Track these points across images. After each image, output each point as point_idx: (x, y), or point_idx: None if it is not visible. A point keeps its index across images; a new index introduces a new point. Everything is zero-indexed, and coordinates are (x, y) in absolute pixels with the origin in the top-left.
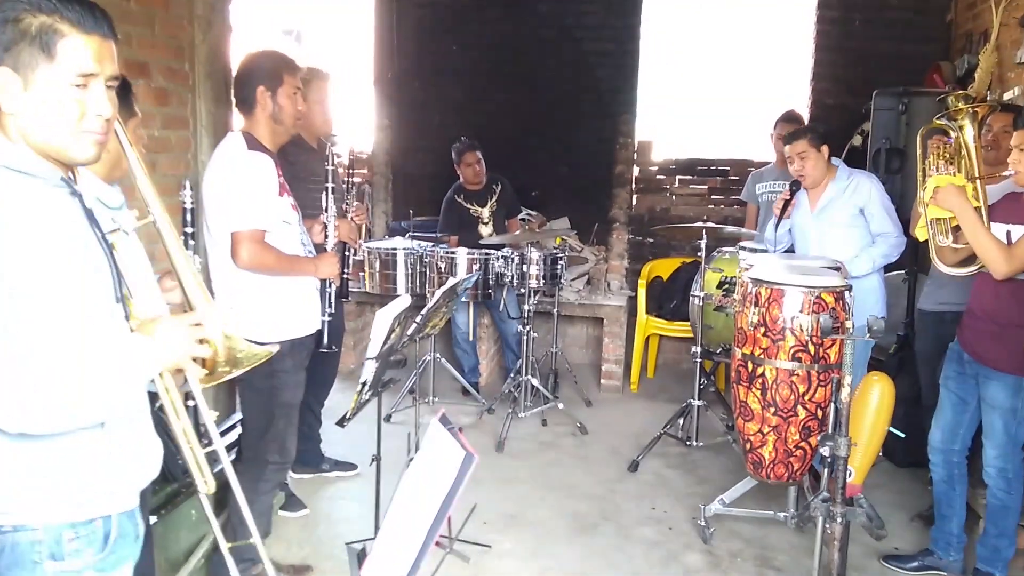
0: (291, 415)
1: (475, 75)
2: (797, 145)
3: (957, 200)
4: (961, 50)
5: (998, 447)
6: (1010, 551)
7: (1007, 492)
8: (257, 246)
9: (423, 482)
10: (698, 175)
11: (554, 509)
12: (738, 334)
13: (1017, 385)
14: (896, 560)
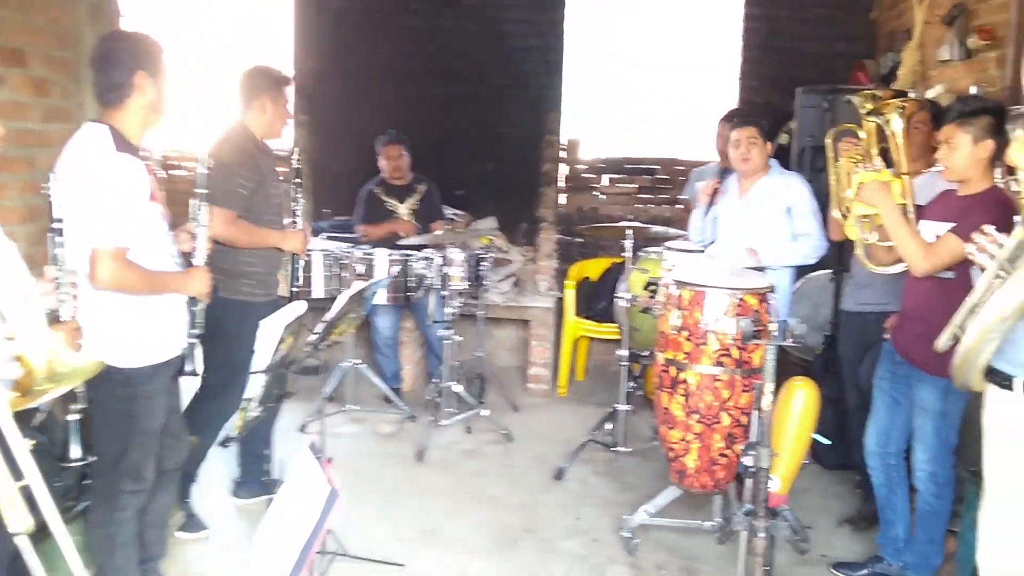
0: (148, 443)
1: (398, 70)
2: (748, 130)
3: (880, 196)
4: (885, 48)
5: (929, 451)
6: (939, 559)
7: (937, 497)
8: (118, 265)
9: (290, 515)
10: (627, 174)
11: (476, 523)
12: (660, 338)
13: (946, 388)
14: (846, 568)
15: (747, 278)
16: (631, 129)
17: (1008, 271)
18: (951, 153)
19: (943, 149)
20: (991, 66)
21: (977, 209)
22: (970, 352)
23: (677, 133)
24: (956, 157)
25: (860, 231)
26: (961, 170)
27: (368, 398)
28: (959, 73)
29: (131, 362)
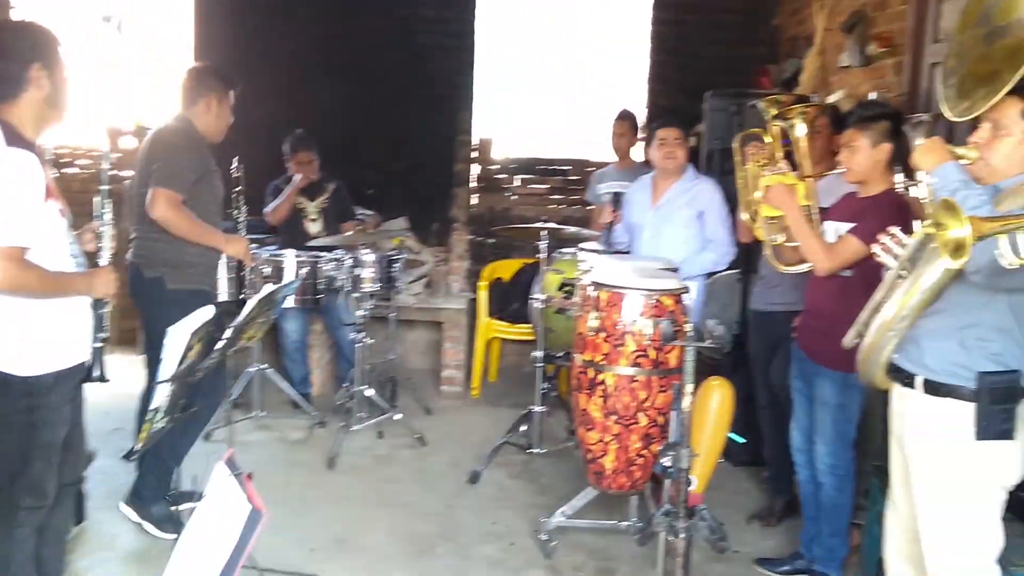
0: (51, 456)
1: (305, 66)
2: (675, 131)
3: (785, 199)
4: (787, 54)
5: (828, 444)
6: (844, 550)
7: (839, 490)
8: (15, 266)
9: (206, 536)
10: (539, 174)
11: (389, 530)
12: (578, 340)
13: (844, 382)
14: (768, 564)
15: (663, 279)
16: (543, 130)
17: (908, 271)
18: (852, 156)
19: (844, 152)
20: (889, 72)
21: (873, 210)
22: (871, 349)
23: (588, 134)
24: (856, 160)
25: (768, 232)
26: (861, 172)
27: (276, 404)
28: (858, 79)
29: (32, 370)
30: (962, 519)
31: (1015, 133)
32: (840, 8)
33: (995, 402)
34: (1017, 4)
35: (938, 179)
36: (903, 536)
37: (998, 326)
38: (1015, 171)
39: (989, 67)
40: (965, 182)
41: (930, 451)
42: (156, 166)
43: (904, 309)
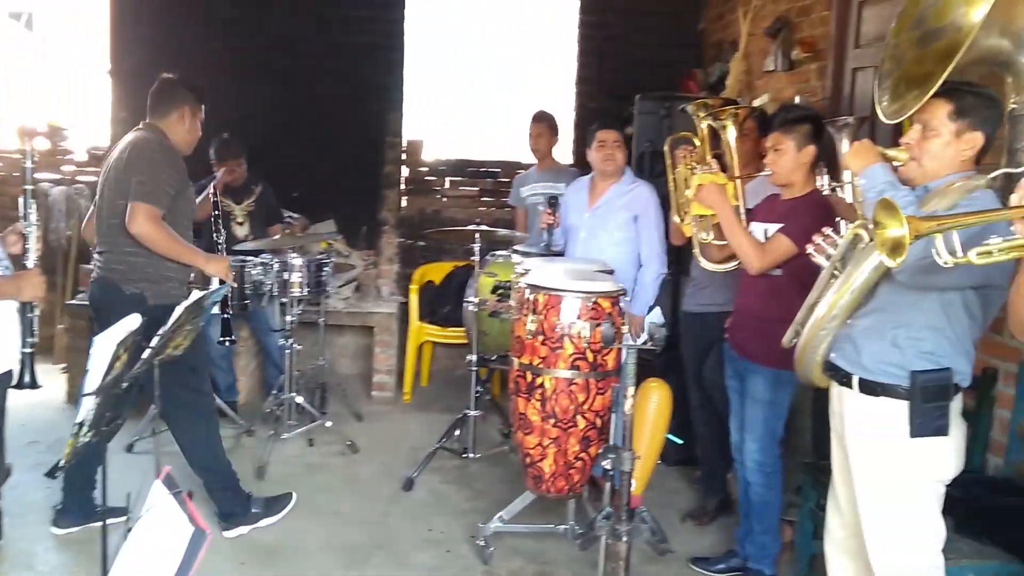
0: None
1: (229, 65)
2: (614, 133)
3: (717, 198)
4: (713, 58)
5: (758, 440)
6: (776, 546)
7: (767, 487)
8: None
9: (145, 559)
10: (469, 176)
11: (323, 540)
12: (516, 343)
13: (776, 379)
14: (703, 563)
15: (600, 282)
16: (473, 132)
17: (840, 270)
18: (778, 158)
19: (770, 155)
20: (813, 77)
21: (801, 210)
22: (806, 348)
23: (518, 137)
24: (782, 162)
25: (697, 230)
26: (786, 174)
27: None
28: (782, 83)
29: None
30: (902, 513)
31: (943, 134)
32: (764, 14)
33: (928, 400)
34: (952, 7)
35: (866, 180)
36: (845, 531)
37: (930, 325)
38: (945, 172)
39: (923, 69)
40: (892, 183)
41: (869, 448)
42: (137, 179)
43: (835, 309)
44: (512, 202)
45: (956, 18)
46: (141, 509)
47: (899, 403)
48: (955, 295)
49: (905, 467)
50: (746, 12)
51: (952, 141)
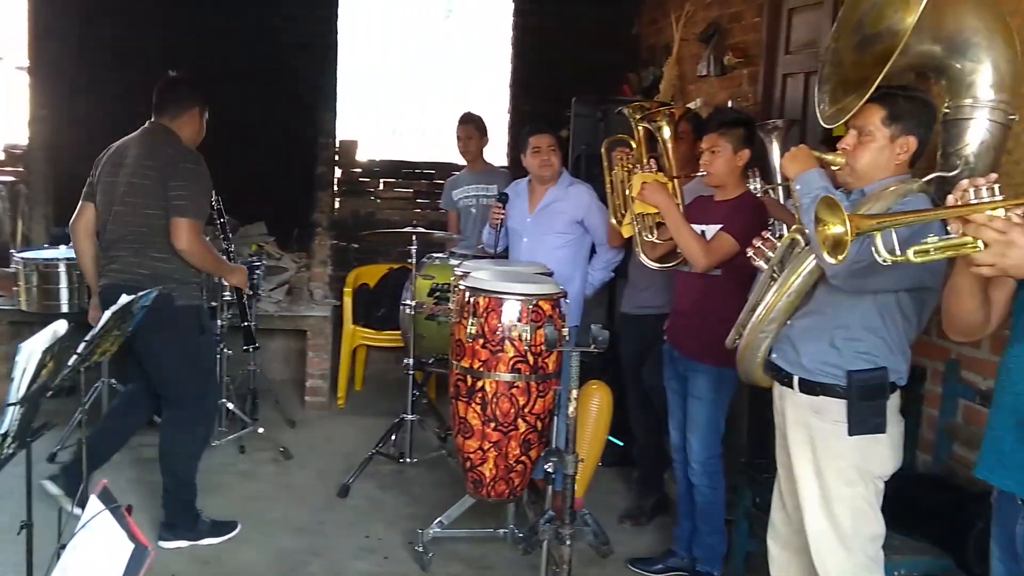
0: None
1: (156, 61)
2: (549, 138)
3: (662, 196)
4: (647, 62)
5: (702, 439)
6: (723, 547)
7: (712, 488)
8: None
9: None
10: (403, 178)
11: (257, 550)
12: (456, 346)
13: (718, 377)
14: (641, 563)
15: (541, 284)
16: (408, 133)
17: (778, 273)
18: (713, 160)
19: (706, 156)
20: (744, 82)
21: (741, 211)
22: (746, 349)
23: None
24: (718, 164)
25: (638, 228)
26: (722, 176)
27: None
28: (715, 88)
29: None
30: (843, 510)
31: (878, 139)
32: (696, 19)
33: (865, 399)
34: (888, 12)
35: (801, 186)
36: (789, 528)
37: (866, 326)
38: (880, 176)
39: (861, 74)
40: (826, 189)
41: (809, 446)
42: (178, 193)
43: (773, 311)
44: (443, 205)
45: (892, 23)
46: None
47: (838, 402)
48: (889, 297)
49: (845, 464)
50: (678, 17)
51: (887, 145)
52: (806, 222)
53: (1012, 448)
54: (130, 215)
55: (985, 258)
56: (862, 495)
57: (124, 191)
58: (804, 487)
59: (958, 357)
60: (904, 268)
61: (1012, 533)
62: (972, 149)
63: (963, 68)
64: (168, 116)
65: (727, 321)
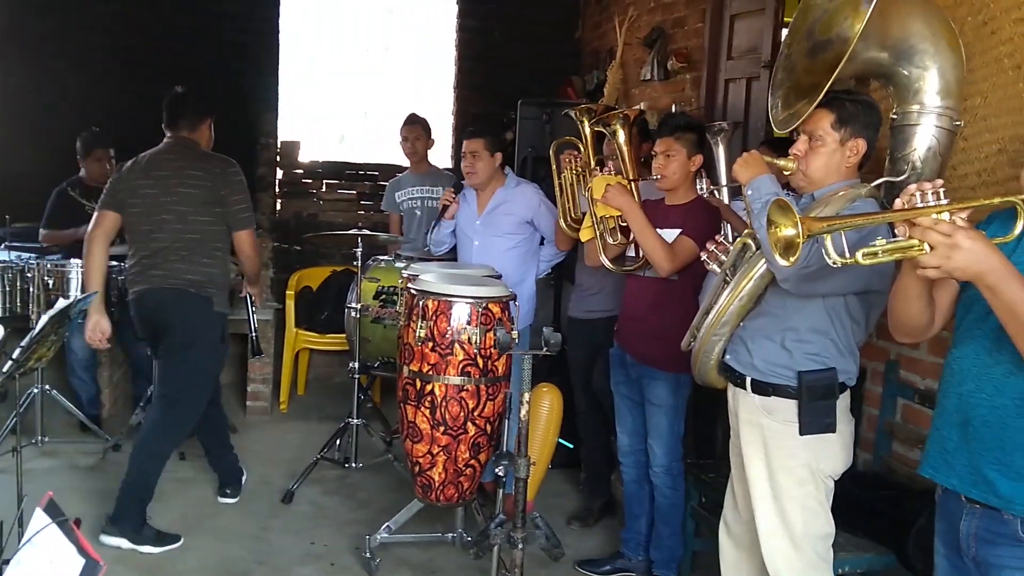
0: None
1: (98, 60)
2: (472, 143)
3: (626, 199)
4: (590, 66)
5: (665, 444)
6: (681, 550)
7: (673, 489)
8: None
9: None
10: (347, 179)
11: (200, 558)
12: (404, 350)
13: (676, 383)
14: (589, 565)
15: (490, 287)
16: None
17: (731, 277)
18: (668, 163)
19: (660, 160)
20: (687, 87)
21: (697, 215)
22: (700, 352)
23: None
24: (673, 167)
25: (600, 231)
26: (676, 180)
27: (62, 427)
28: (659, 92)
29: None
30: (794, 509)
31: (828, 143)
32: (640, 24)
33: (815, 399)
34: (838, 19)
35: (752, 192)
36: (741, 527)
37: (815, 328)
38: (831, 179)
39: (812, 80)
40: (776, 194)
41: (761, 445)
42: (238, 207)
43: (724, 315)
44: (385, 207)
45: (842, 30)
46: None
47: (789, 402)
48: (838, 300)
49: (796, 464)
50: (622, 22)
51: (837, 149)
52: (757, 227)
53: (956, 447)
54: (179, 223)
55: (931, 260)
56: (813, 494)
57: (172, 200)
58: (756, 486)
59: (897, 358)
60: (852, 271)
61: (957, 530)
62: (919, 154)
63: (910, 75)
64: (187, 128)
65: (683, 326)
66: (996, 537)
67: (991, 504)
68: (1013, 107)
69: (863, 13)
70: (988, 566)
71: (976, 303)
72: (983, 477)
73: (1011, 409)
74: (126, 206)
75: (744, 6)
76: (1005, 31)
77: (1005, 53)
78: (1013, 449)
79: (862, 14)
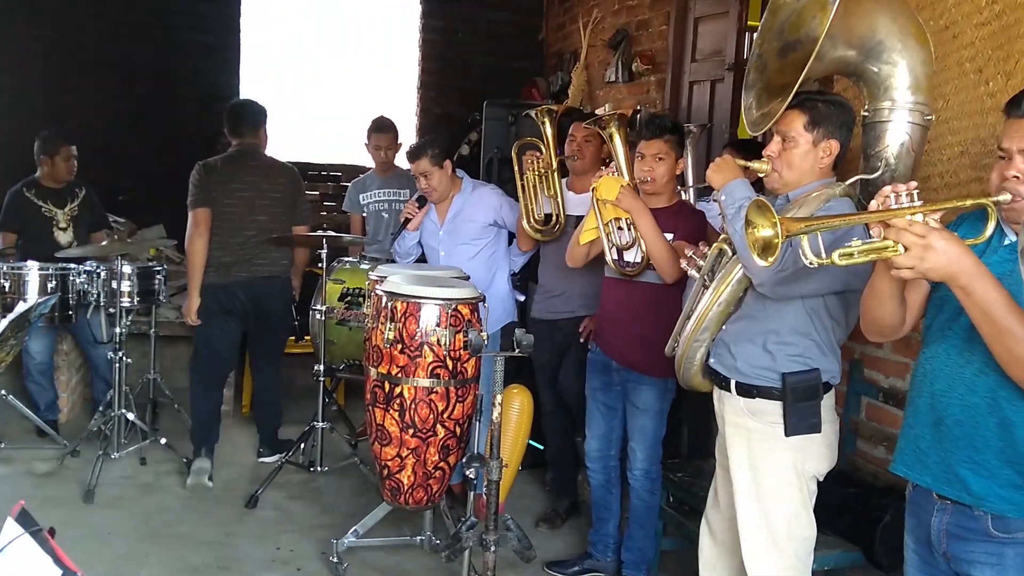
0: None
1: (51, 59)
2: (420, 165)
3: (638, 202)
4: (554, 68)
5: (647, 449)
6: (652, 551)
7: (651, 492)
8: None
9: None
10: (309, 180)
11: (162, 565)
12: (373, 352)
13: (664, 388)
14: (558, 566)
15: (459, 288)
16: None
17: (710, 282)
18: (658, 167)
19: (649, 162)
20: (652, 88)
21: (687, 218)
22: (683, 357)
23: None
24: (662, 171)
25: (608, 234)
26: (664, 183)
27: (17, 433)
28: (623, 94)
29: None
30: (778, 511)
31: (801, 144)
32: (604, 26)
33: (800, 400)
34: (807, 17)
35: (726, 197)
36: (724, 524)
37: (796, 329)
38: (806, 180)
39: (783, 79)
40: (750, 199)
41: (747, 448)
42: (306, 206)
43: (705, 320)
44: (347, 208)
45: (810, 29)
46: None
47: (774, 404)
48: (817, 301)
49: (782, 465)
50: (586, 24)
51: (811, 150)
52: (731, 231)
53: (929, 446)
54: (272, 222)
55: (905, 261)
56: (797, 496)
57: (264, 203)
58: (740, 487)
59: (861, 357)
60: (828, 272)
61: (927, 526)
62: (893, 151)
63: (879, 72)
64: (251, 135)
65: (670, 331)
66: (967, 533)
67: (963, 501)
68: (974, 110)
69: (829, 12)
70: (959, 561)
71: (947, 303)
72: (956, 475)
73: (982, 408)
74: (220, 204)
75: (708, 9)
76: (966, 35)
77: (967, 57)
78: (984, 448)
79: (828, 12)
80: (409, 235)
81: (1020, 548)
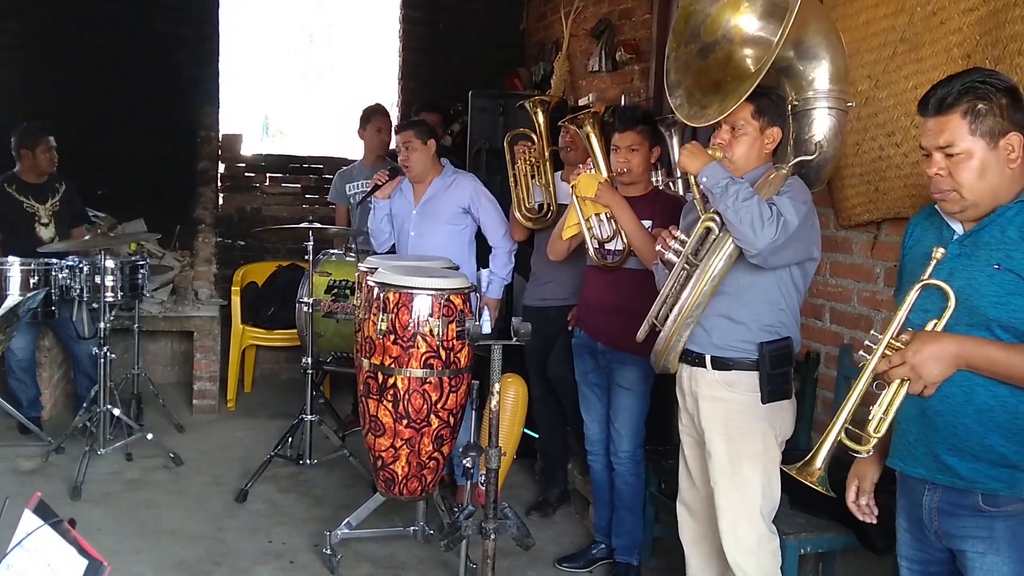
0: None
1: (25, 51)
2: (404, 135)
3: (616, 196)
4: (536, 57)
5: (631, 428)
6: (642, 536)
7: (635, 475)
8: None
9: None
10: (291, 173)
11: (153, 562)
12: (365, 343)
13: (648, 367)
14: (569, 561)
15: (451, 278)
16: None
17: (693, 263)
18: (633, 157)
19: (624, 154)
20: (636, 78)
21: (664, 204)
22: (670, 339)
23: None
24: (638, 161)
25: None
26: (640, 173)
27: (1, 431)
28: (607, 83)
29: None
30: (754, 479)
31: (750, 132)
32: (587, 15)
33: (776, 367)
34: (720, 21)
35: (708, 178)
36: (701, 503)
37: (767, 300)
38: (753, 164)
39: (711, 78)
40: (730, 177)
41: (724, 420)
42: None
43: (699, 297)
44: (332, 198)
45: (727, 31)
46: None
47: (749, 374)
48: (784, 272)
49: (756, 433)
50: (568, 13)
51: (758, 137)
52: (722, 208)
53: (917, 439)
54: None
55: (915, 388)
56: (772, 462)
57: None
58: (717, 458)
59: (851, 341)
60: (802, 240)
61: (919, 505)
62: (823, 135)
63: (804, 68)
64: None
65: None
66: (957, 509)
67: (956, 487)
68: None
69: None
70: (951, 537)
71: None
72: (944, 464)
73: (959, 397)
74: None
75: None
76: (954, 21)
77: (955, 43)
78: (966, 436)
79: (742, 12)
80: (380, 206)
81: (1010, 521)
